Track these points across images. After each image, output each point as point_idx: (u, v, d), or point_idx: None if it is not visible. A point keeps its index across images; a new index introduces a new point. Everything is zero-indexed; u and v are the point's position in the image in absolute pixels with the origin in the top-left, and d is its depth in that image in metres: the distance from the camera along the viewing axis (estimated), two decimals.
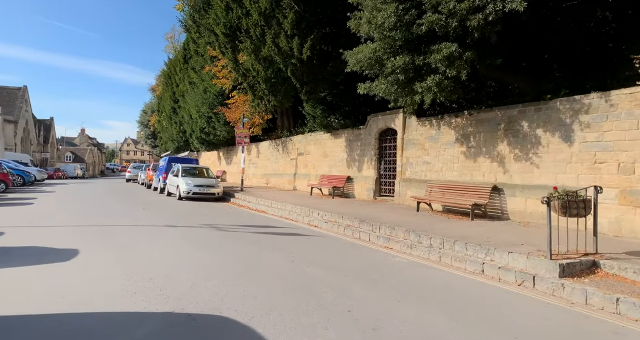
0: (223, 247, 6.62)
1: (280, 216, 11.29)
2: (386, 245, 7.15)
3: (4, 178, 17.39)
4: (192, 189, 15.25)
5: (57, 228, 8.01)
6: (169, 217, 10.27)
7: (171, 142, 35.15)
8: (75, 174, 43.21)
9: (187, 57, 26.86)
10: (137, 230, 7.99)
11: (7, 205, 12.02)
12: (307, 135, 16.69)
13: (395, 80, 8.24)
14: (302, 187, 16.54)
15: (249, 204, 13.82)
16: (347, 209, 10.41)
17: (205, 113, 22.27)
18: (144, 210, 11.49)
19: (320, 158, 15.37)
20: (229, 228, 8.64)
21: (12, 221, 8.75)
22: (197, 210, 12.14)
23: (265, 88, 12.14)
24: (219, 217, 10.66)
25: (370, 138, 12.42)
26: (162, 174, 18.63)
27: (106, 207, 12.08)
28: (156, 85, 58.00)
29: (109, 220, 9.24)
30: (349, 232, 8.26)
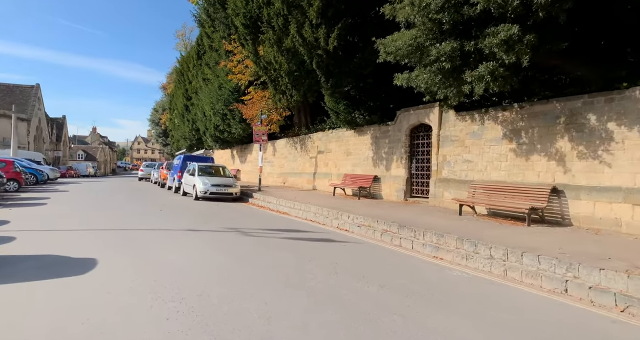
0: (255, 256, 5.88)
1: (304, 218, 10.55)
2: (435, 254, 6.34)
3: (17, 177, 16.99)
4: (209, 188, 14.61)
5: (72, 232, 7.38)
6: (189, 219, 9.61)
7: (183, 140, 34.70)
8: (88, 173, 43.23)
9: (201, 53, 26.26)
10: (158, 235, 7.31)
11: (19, 205, 11.51)
12: (327, 133, 15.91)
13: (439, 69, 7.40)
14: (323, 187, 15.78)
15: (269, 205, 13.12)
16: (378, 211, 9.62)
17: (220, 110, 21.63)
18: (161, 212, 10.85)
19: (343, 156, 14.58)
20: (256, 233, 7.92)
21: (25, 224, 8.17)
22: (216, 212, 11.47)
23: (287, 82, 11.40)
24: (241, 220, 9.96)
25: (399, 135, 11.59)
26: (177, 172, 18.05)
27: (122, 208, 11.49)
28: (167, 83, 57.85)
29: (127, 223, 8.60)
30: (387, 238, 7.47)
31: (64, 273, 4.67)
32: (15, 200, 13.15)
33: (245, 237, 7.43)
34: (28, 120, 36.10)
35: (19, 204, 11.92)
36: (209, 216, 10.45)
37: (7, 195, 14.96)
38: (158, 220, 9.29)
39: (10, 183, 16.58)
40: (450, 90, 7.65)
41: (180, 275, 4.67)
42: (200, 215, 10.50)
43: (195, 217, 10.05)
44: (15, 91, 37.82)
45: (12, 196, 14.50)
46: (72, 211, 10.35)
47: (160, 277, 4.59)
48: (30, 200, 13.18)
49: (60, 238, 6.76)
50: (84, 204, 12.30)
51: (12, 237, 6.68)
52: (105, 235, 7.15)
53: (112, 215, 9.75)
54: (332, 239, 7.59)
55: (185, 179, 16.50)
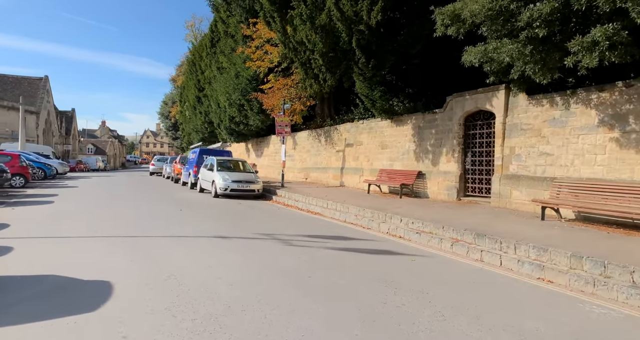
0: (309, 276, 4.52)
1: (343, 221, 9.19)
2: (539, 275, 4.91)
3: (23, 172, 15.89)
4: (229, 185, 13.32)
5: (81, 241, 6.10)
6: (214, 222, 8.30)
7: (195, 133, 33.50)
8: (97, 167, 42.42)
9: (215, 41, 24.83)
10: (183, 245, 5.99)
11: (24, 204, 10.33)
12: (357, 124, 14.45)
13: (528, 38, 5.90)
14: (352, 183, 14.38)
15: (297, 204, 11.77)
16: (433, 213, 8.20)
17: (237, 100, 20.26)
18: (181, 212, 9.57)
19: (377, 149, 13.13)
20: (297, 241, 6.57)
21: (26, 228, 6.94)
22: (241, 212, 10.16)
23: (321, 64, 9.96)
24: (272, 223, 8.63)
25: (450, 124, 10.09)
26: (192, 167, 16.80)
27: (137, 208, 10.23)
28: (177, 76, 56.68)
29: (144, 227, 7.31)
30: (461, 250, 6.06)
31: (69, 307, 3.37)
32: (20, 197, 12.01)
33: (287, 247, 6.07)
34: (37, 113, 35.22)
35: (24, 202, 10.75)
36: (235, 218, 9.14)
37: (12, 191, 13.85)
38: (179, 223, 7.99)
39: (16, 178, 15.49)
40: (540, 66, 6.14)
41: (230, 316, 3.32)
42: (225, 217, 9.19)
43: (220, 219, 8.75)
44: (23, 83, 36.93)
45: (18, 193, 13.37)
46: (81, 211, 9.11)
47: (199, 314, 3.26)
48: (36, 197, 12.03)
49: (66, 249, 5.49)
50: (94, 203, 11.08)
51: (8, 248, 5.43)
52: (120, 244, 5.85)
53: (127, 217, 8.48)
54: (392, 250, 6.21)
55: (203, 174, 15.23)
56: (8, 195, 12.42)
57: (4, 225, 7.16)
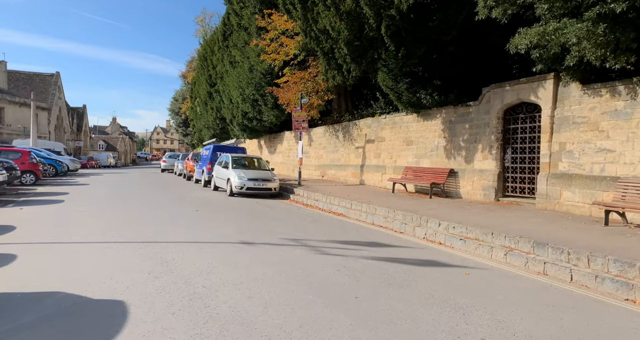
0: (355, 296, 3.82)
1: (371, 223, 8.48)
2: (627, 296, 4.14)
3: (34, 169, 15.50)
4: (245, 183, 12.70)
5: (92, 247, 5.50)
6: (234, 224, 7.66)
7: (206, 129, 33.02)
8: (108, 163, 42.38)
9: (227, 34, 24.15)
10: (205, 253, 5.34)
11: (33, 203, 9.84)
12: (379, 119, 13.67)
13: (603, 14, 5.07)
14: (373, 182, 13.63)
15: (317, 204, 11.08)
16: (473, 216, 7.44)
17: (250, 95, 19.59)
18: (197, 213, 8.96)
19: (401, 146, 12.35)
20: (329, 248, 5.88)
21: (33, 232, 6.39)
22: (260, 213, 9.51)
23: (346, 53, 9.21)
24: (296, 225, 7.96)
25: (487, 117, 9.27)
26: (206, 164, 16.23)
27: (151, 208, 9.66)
28: (187, 72, 56.33)
29: (160, 230, 6.69)
30: (517, 260, 5.31)
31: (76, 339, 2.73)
32: (29, 195, 11.57)
33: (321, 256, 5.39)
34: (48, 110, 35.13)
35: (33, 201, 10.27)
36: (256, 219, 8.48)
37: (22, 189, 13.44)
38: (198, 226, 7.37)
39: (26, 175, 15.12)
40: (612, 48, 5.30)
41: None
42: (245, 218, 8.54)
43: (240, 221, 8.10)
44: (35, 79, 36.87)
45: (27, 191, 12.95)
46: (92, 212, 8.55)
47: None
48: (45, 195, 11.56)
49: (76, 258, 4.88)
50: (106, 202, 10.55)
51: (11, 256, 4.86)
52: (135, 252, 5.23)
53: (141, 219, 7.89)
54: (438, 260, 5.47)
55: (217, 172, 14.64)
56: (17, 194, 11.99)
57: (10, 227, 6.62)
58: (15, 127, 31.67)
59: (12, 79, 35.15)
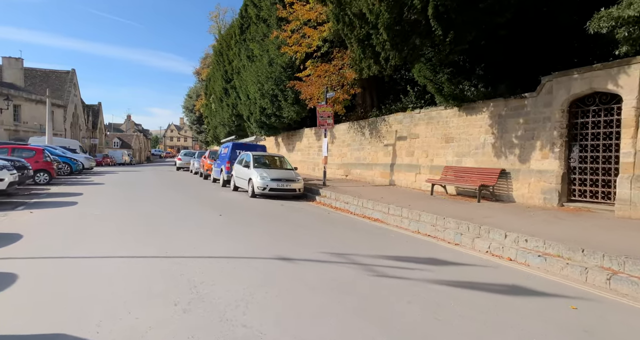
0: None
1: (415, 231, 7.49)
2: None
3: (47, 167, 14.93)
4: (268, 184, 11.83)
5: (107, 263, 4.64)
6: (264, 233, 6.75)
7: (221, 127, 32.34)
8: (123, 161, 42.25)
9: (245, 27, 23.29)
10: (238, 271, 4.44)
11: (44, 205, 9.13)
12: (412, 113, 12.60)
13: None
14: (406, 182, 12.59)
15: (348, 207, 10.12)
16: (540, 226, 6.38)
17: (270, 90, 18.69)
18: (221, 218, 8.10)
19: (439, 143, 11.27)
20: (382, 267, 4.92)
21: (41, 242, 5.60)
22: (289, 218, 8.60)
23: (386, 39, 8.19)
24: (332, 234, 7.01)
25: (548, 111, 8.13)
26: (225, 163, 15.43)
27: (170, 211, 8.85)
28: (201, 68, 55.92)
29: (184, 241, 5.82)
30: (628, 288, 4.24)
31: None
32: (41, 196, 10.91)
33: (377, 280, 4.42)
34: (64, 107, 34.99)
35: (45, 203, 9.58)
36: (286, 225, 7.56)
37: (35, 189, 12.84)
38: (225, 234, 6.49)
39: (39, 174, 14.56)
40: None
41: None
42: (274, 224, 7.63)
43: (269, 228, 7.19)
44: (51, 77, 36.79)
45: (40, 190, 12.34)
46: (107, 217, 7.77)
47: None
48: (58, 196, 10.89)
49: (86, 281, 4.02)
50: (122, 204, 9.79)
51: (11, 277, 4.05)
52: (157, 271, 4.35)
53: (161, 225, 7.05)
54: (524, 286, 4.44)
55: (237, 171, 13.81)
56: (30, 194, 11.37)
57: (15, 236, 5.85)
58: (32, 125, 31.56)
59: (29, 76, 35.10)
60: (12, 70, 33.76)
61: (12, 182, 10.02)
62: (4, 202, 9.45)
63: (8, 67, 33.68)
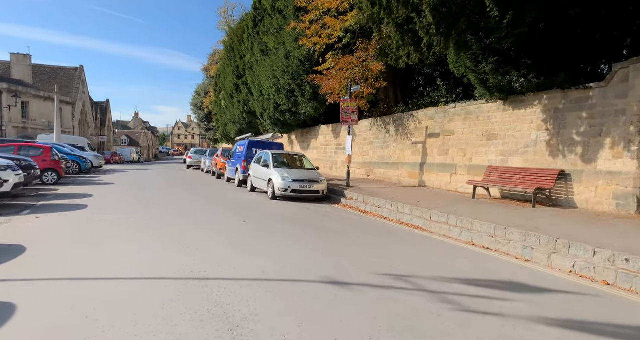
0: None
1: (468, 242, 6.54)
2: None
3: (56, 166, 14.18)
4: (290, 185, 10.94)
5: (121, 288, 3.74)
6: (298, 244, 5.84)
7: (232, 124, 31.51)
8: (132, 158, 41.73)
9: (258, 20, 22.35)
10: (282, 300, 3.52)
11: (52, 208, 8.33)
12: (446, 108, 11.58)
13: None
14: (439, 183, 11.60)
15: (381, 212, 9.18)
16: (628, 239, 5.37)
17: (286, 86, 17.75)
18: (246, 224, 7.20)
19: (479, 140, 10.26)
20: (457, 296, 3.97)
21: (46, 256, 4.74)
22: (320, 225, 7.68)
23: (431, 22, 7.20)
24: (377, 246, 6.08)
25: (622, 103, 7.09)
26: (240, 162, 14.56)
27: (189, 216, 7.98)
28: (209, 65, 55.16)
29: (210, 255, 4.92)
30: None
31: None
32: (49, 198, 10.14)
33: (460, 316, 3.48)
34: (72, 104, 34.45)
35: (52, 206, 8.79)
36: (320, 235, 6.64)
37: (43, 189, 12.09)
38: (254, 246, 5.58)
39: (47, 174, 13.82)
40: None
41: None
42: (306, 234, 6.71)
43: (303, 239, 6.28)
44: (59, 73, 36.28)
45: (48, 191, 11.58)
46: (121, 223, 6.91)
47: None
48: (67, 198, 10.11)
49: (102, 311, 3.12)
50: (136, 208, 8.94)
51: (7, 307, 3.20)
52: (186, 299, 3.44)
53: (181, 235, 6.16)
54: None
55: (255, 171, 12.93)
56: (37, 195, 10.61)
57: (17, 249, 5.02)
58: (40, 122, 31.07)
59: (37, 73, 34.62)
60: (20, 66, 33.30)
61: (17, 184, 9.20)
62: (9, 205, 8.69)
63: (16, 63, 33.22)
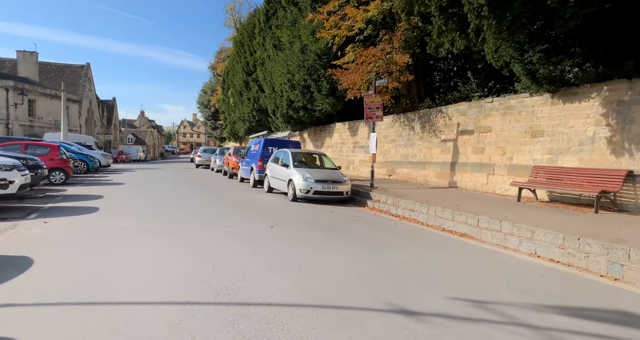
0: None
1: (532, 254, 5.75)
2: None
3: (64, 166, 13.52)
4: (312, 186, 10.17)
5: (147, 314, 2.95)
6: (338, 254, 5.04)
7: (241, 122, 30.80)
8: (138, 157, 41.22)
9: (271, 13, 21.56)
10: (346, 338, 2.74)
11: (61, 212, 7.60)
12: (481, 103, 10.74)
13: None
14: (473, 184, 10.77)
15: (415, 216, 8.37)
16: None
17: (301, 81, 16.96)
18: (274, 231, 6.43)
19: (521, 137, 9.41)
20: (566, 331, 3.15)
21: (56, 272, 3.98)
22: (353, 230, 6.89)
23: (483, 4, 6.38)
24: (431, 258, 5.27)
25: None
26: (256, 161, 13.80)
27: (210, 221, 7.23)
28: (216, 63, 54.56)
29: (244, 270, 4.14)
30: None
31: None
32: (57, 199, 9.45)
33: None
34: (79, 102, 33.92)
35: (61, 209, 8.07)
36: (359, 244, 5.84)
37: (50, 190, 11.42)
38: (291, 258, 4.80)
39: (55, 174, 13.16)
40: None
41: None
42: (344, 242, 5.91)
43: (341, 248, 5.48)
44: (66, 71, 35.76)
45: (56, 192, 10.90)
46: (137, 231, 6.16)
47: None
48: (76, 200, 9.41)
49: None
50: (151, 212, 8.19)
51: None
52: (218, 331, 2.67)
53: (208, 247, 5.38)
54: None
55: (272, 170, 12.17)
56: (45, 197, 9.93)
57: (23, 262, 4.30)
58: (47, 120, 30.55)
59: (43, 70, 34.12)
60: (27, 64, 32.80)
61: (23, 185, 8.46)
62: (14, 208, 8.01)
63: (22, 61, 32.73)
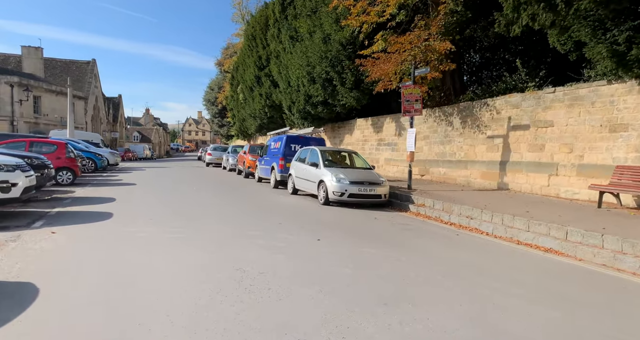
0: None
1: None
2: None
3: (71, 165, 12.48)
4: (347, 188, 9.04)
5: None
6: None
7: (252, 119, 29.68)
8: (145, 155, 40.37)
9: (287, 2, 20.36)
10: None
11: (70, 218, 6.50)
12: (538, 94, 9.52)
13: None
14: (529, 187, 9.57)
15: (476, 224, 7.21)
16: None
17: (322, 74, 15.77)
18: (322, 244, 5.29)
19: (595, 132, 8.21)
20: None
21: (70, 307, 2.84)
22: (408, 242, 5.75)
23: None
24: (515, 278, 4.12)
25: None
26: (277, 160, 12.67)
27: (241, 232, 6.10)
28: (223, 59, 53.43)
29: (306, 309, 3.00)
30: None
31: None
32: (65, 202, 8.39)
33: None
34: (85, 99, 32.98)
35: (69, 214, 6.99)
36: (425, 263, 4.68)
37: (57, 191, 10.37)
38: (358, 286, 3.64)
39: (62, 173, 12.14)
40: None
41: None
42: (411, 262, 4.74)
43: (406, 269, 4.33)
44: (71, 67, 34.83)
45: (64, 194, 9.85)
46: (158, 245, 5.03)
47: None
48: (86, 203, 8.34)
49: None
50: (170, 219, 7.06)
51: None
52: None
53: (251, 268, 4.23)
54: None
55: (297, 170, 11.05)
56: (52, 199, 8.88)
57: (27, 291, 3.24)
58: (52, 117, 29.64)
59: (48, 66, 33.21)
60: (32, 60, 31.90)
61: (27, 188, 7.29)
62: (18, 214, 6.98)
63: (27, 56, 31.82)
